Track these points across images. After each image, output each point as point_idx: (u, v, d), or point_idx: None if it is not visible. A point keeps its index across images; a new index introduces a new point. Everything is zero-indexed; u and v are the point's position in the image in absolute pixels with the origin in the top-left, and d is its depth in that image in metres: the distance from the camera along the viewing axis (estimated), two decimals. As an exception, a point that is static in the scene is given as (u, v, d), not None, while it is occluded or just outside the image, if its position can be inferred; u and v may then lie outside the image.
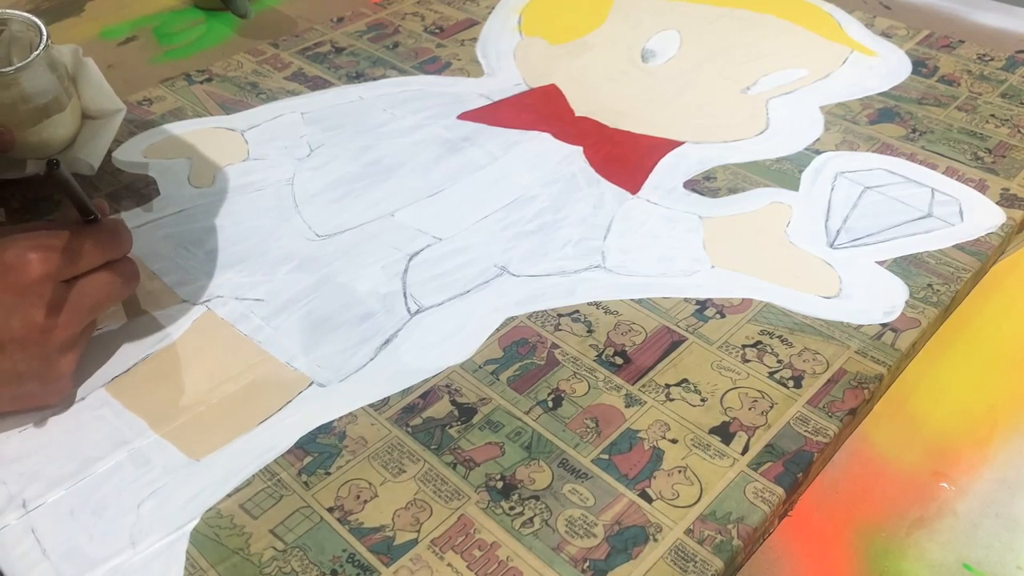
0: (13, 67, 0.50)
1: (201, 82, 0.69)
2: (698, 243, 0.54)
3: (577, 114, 0.65)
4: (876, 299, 0.50)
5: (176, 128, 0.64)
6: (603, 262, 0.53)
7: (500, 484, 0.41)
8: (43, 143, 0.54)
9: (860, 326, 0.49)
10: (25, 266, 0.41)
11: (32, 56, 0.51)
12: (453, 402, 0.45)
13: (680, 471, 0.42)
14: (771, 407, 0.45)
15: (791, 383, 0.46)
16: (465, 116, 0.65)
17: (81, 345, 0.44)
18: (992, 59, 0.71)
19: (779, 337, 0.48)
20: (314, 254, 0.53)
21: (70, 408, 0.45)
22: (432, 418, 0.44)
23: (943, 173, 0.59)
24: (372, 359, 0.47)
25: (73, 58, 0.57)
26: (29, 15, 0.52)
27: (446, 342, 0.48)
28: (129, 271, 0.46)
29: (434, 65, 0.71)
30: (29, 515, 0.40)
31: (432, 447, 0.43)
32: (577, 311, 0.50)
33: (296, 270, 0.52)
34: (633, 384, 0.46)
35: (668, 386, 0.46)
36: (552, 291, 0.51)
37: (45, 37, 0.52)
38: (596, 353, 0.48)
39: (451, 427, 0.44)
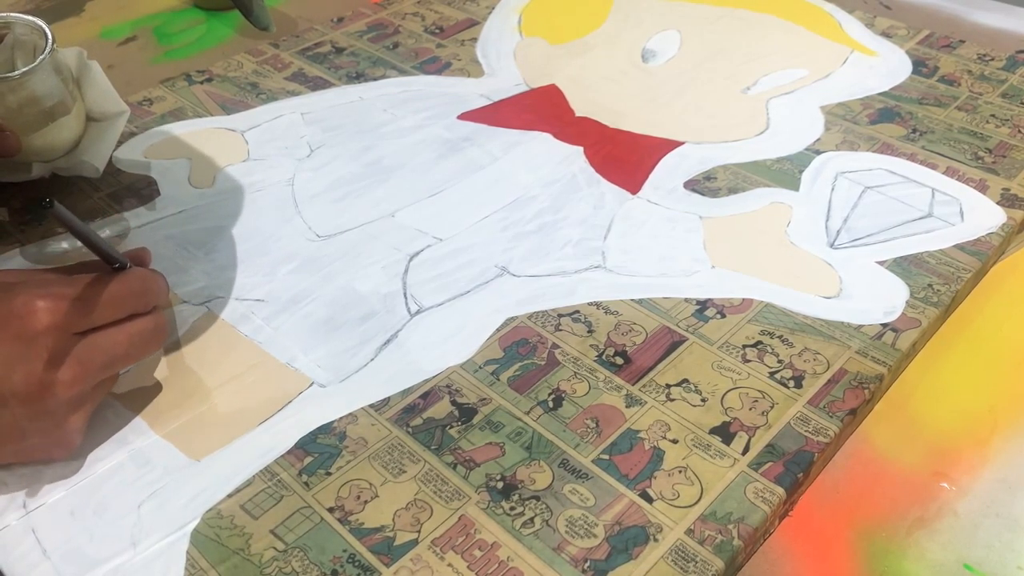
0: (19, 71, 0.50)
1: (201, 82, 0.69)
2: (698, 243, 0.54)
3: (577, 114, 0.65)
4: (876, 299, 0.50)
5: (176, 128, 0.64)
6: (603, 262, 0.53)
7: (500, 484, 0.41)
8: (48, 146, 0.54)
9: (860, 326, 0.49)
10: (31, 314, 0.38)
11: (38, 60, 0.51)
12: (453, 402, 0.45)
13: (680, 471, 0.42)
14: (771, 407, 0.45)
15: (791, 383, 0.46)
16: (465, 116, 0.65)
17: (92, 402, 0.41)
18: (992, 59, 0.71)
19: (779, 337, 0.48)
20: (314, 255, 0.53)
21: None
22: (432, 418, 0.44)
23: (943, 173, 0.59)
24: (372, 359, 0.47)
25: (78, 61, 0.57)
26: (34, 19, 0.52)
27: (446, 342, 0.48)
28: (155, 327, 0.43)
29: (434, 65, 0.71)
30: (30, 515, 0.40)
31: (432, 447, 0.43)
32: (577, 311, 0.50)
33: (297, 271, 0.52)
34: (633, 384, 0.46)
35: (668, 386, 0.46)
36: (552, 291, 0.51)
37: (50, 40, 0.52)
38: (596, 353, 0.48)
39: (451, 427, 0.44)
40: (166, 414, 0.45)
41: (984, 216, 0.56)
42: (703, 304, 0.50)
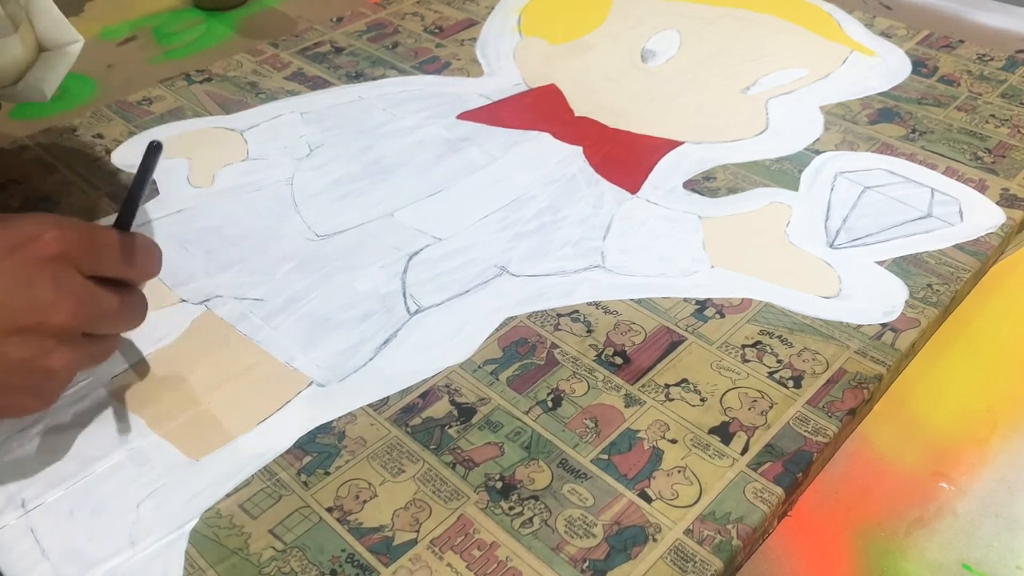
0: None
1: (201, 82, 0.69)
2: (698, 243, 0.54)
3: (577, 114, 0.65)
4: (876, 299, 0.50)
5: (176, 128, 0.64)
6: (603, 262, 0.53)
7: (499, 484, 0.41)
8: None
9: (860, 326, 0.49)
10: (41, 239, 0.38)
11: None
12: (452, 402, 0.45)
13: (680, 471, 0.42)
14: (771, 407, 0.45)
15: (791, 383, 0.46)
16: (465, 116, 0.65)
17: (78, 356, 0.40)
18: (992, 59, 0.71)
19: (779, 337, 0.48)
20: (314, 254, 0.53)
21: (69, 408, 0.45)
22: (431, 418, 0.44)
23: (943, 173, 0.59)
24: (371, 359, 0.47)
25: None
26: None
27: (445, 342, 0.48)
28: (142, 301, 0.43)
29: (434, 65, 0.71)
30: (28, 515, 0.40)
31: (431, 447, 0.43)
32: (577, 311, 0.50)
33: (295, 270, 0.52)
34: (633, 384, 0.46)
35: (668, 386, 0.46)
36: (552, 291, 0.51)
37: None
38: (596, 353, 0.48)
39: (450, 427, 0.44)
40: (165, 413, 0.45)
41: (983, 216, 0.56)
42: (702, 304, 0.50)
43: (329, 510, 0.41)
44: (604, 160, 0.61)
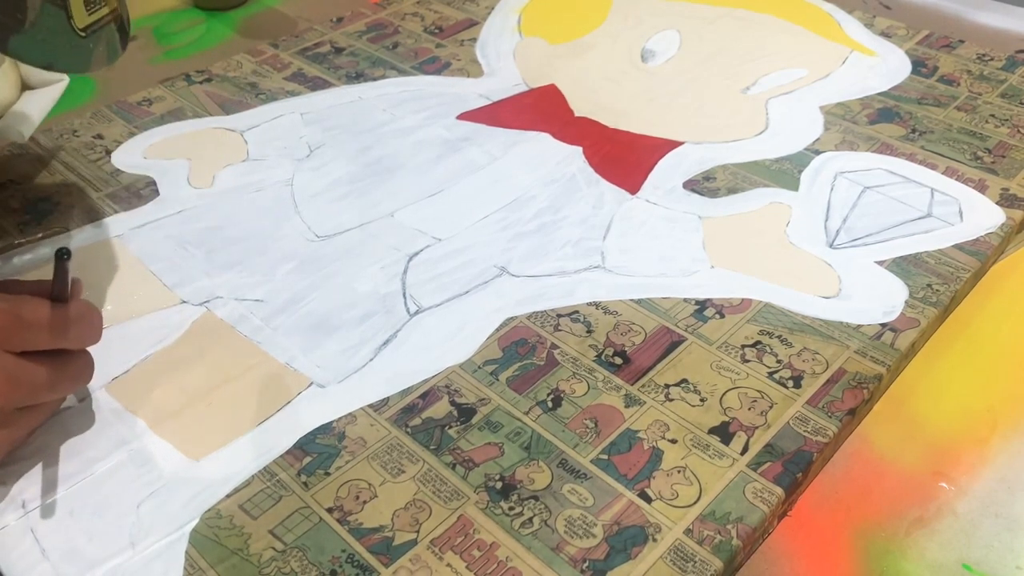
0: None
1: (201, 82, 0.69)
2: (698, 243, 0.54)
3: (577, 114, 0.65)
4: (876, 299, 0.50)
5: (176, 128, 0.64)
6: (603, 262, 0.53)
7: (499, 484, 0.41)
8: None
9: (859, 326, 0.49)
10: None
11: None
12: (452, 402, 0.45)
13: (679, 471, 0.42)
14: (770, 407, 0.45)
15: (790, 383, 0.46)
16: (465, 116, 0.65)
17: (16, 428, 0.40)
18: (992, 59, 0.71)
19: (778, 337, 0.48)
20: (314, 255, 0.53)
21: (70, 409, 0.45)
22: (431, 418, 0.44)
23: (943, 173, 0.59)
24: (371, 360, 0.47)
25: None
26: None
27: (445, 342, 0.48)
28: (84, 365, 0.42)
29: (434, 65, 0.71)
30: (28, 515, 0.40)
31: (431, 447, 0.43)
32: (577, 311, 0.50)
33: (295, 271, 0.52)
34: (632, 384, 0.46)
35: (667, 386, 0.46)
36: (552, 291, 0.51)
37: None
38: (596, 353, 0.48)
39: (450, 427, 0.44)
40: (165, 414, 0.45)
41: (983, 216, 0.56)
42: (702, 304, 0.50)
43: (329, 510, 0.41)
44: (604, 160, 0.61)
